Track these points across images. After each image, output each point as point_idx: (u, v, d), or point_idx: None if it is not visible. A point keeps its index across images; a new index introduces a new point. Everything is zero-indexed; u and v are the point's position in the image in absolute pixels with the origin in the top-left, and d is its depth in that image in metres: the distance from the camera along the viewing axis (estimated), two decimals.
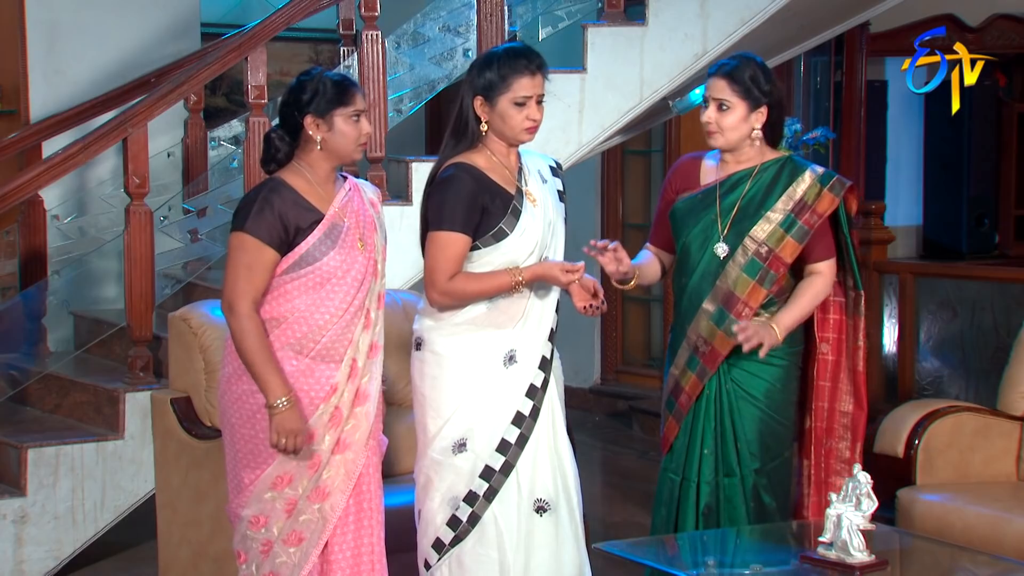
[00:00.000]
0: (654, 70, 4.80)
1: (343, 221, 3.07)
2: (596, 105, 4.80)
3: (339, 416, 3.05)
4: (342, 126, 3.05)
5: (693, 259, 3.35)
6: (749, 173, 3.35)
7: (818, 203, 3.31)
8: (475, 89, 3.13)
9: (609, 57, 4.80)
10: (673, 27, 4.80)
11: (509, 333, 3.13)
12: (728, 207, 3.33)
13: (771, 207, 3.31)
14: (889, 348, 5.90)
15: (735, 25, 4.82)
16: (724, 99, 3.30)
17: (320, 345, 3.02)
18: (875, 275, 5.86)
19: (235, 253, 3.00)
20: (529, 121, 3.12)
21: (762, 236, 3.30)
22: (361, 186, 3.21)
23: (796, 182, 3.33)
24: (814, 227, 3.31)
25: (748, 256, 3.30)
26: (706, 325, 3.31)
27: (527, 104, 3.11)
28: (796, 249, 3.31)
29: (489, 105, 3.12)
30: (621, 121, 4.86)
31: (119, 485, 4.28)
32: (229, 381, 3.06)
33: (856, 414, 3.39)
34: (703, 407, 3.34)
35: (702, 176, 3.41)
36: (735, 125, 3.31)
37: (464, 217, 3.07)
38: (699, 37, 4.80)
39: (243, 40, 4.54)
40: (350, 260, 3.05)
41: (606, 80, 4.80)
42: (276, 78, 6.02)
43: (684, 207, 3.38)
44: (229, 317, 3.00)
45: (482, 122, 3.15)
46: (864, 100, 6.94)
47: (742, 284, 3.29)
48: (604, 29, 4.81)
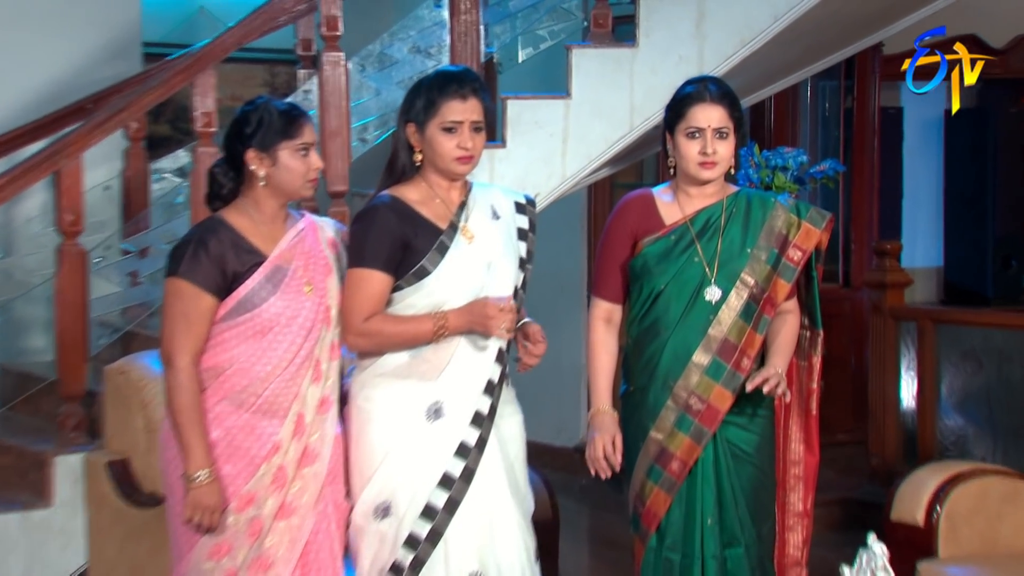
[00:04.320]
0: (645, 96, 4.84)
1: (289, 264, 3.10)
2: (582, 134, 4.83)
3: (283, 477, 3.06)
4: (288, 160, 3.08)
5: (674, 308, 3.33)
6: (718, 208, 3.38)
7: (799, 238, 3.37)
8: (406, 116, 3.18)
9: (596, 81, 4.84)
10: (666, 49, 4.85)
11: (433, 384, 3.12)
12: (713, 247, 3.35)
13: (754, 244, 3.35)
14: (907, 404, 5.93)
15: (734, 46, 4.87)
16: (724, 127, 3.34)
17: (262, 398, 3.05)
18: (891, 322, 5.90)
19: (171, 300, 3.04)
20: (460, 150, 3.13)
21: (755, 276, 3.33)
22: (320, 225, 3.24)
23: (770, 216, 3.37)
24: (800, 264, 3.36)
25: (743, 299, 3.32)
26: (700, 380, 3.30)
27: (458, 131, 3.13)
28: (786, 290, 3.36)
29: (420, 133, 3.16)
30: (609, 152, 4.89)
31: (46, 560, 4.23)
32: (171, 435, 3.08)
33: (808, 461, 3.45)
34: (700, 473, 3.33)
35: (664, 214, 3.40)
36: (731, 154, 3.36)
37: (384, 253, 3.09)
38: (695, 60, 4.85)
39: (190, 62, 4.57)
40: (295, 306, 3.08)
41: (592, 107, 4.84)
42: (227, 103, 6.03)
43: (657, 251, 3.35)
44: (166, 370, 3.04)
45: (415, 152, 3.19)
46: (877, 129, 7.02)
47: (738, 330, 3.31)
48: (590, 51, 4.86)
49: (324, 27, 4.64)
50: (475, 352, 3.15)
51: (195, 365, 3.03)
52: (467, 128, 3.14)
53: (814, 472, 3.46)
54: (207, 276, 3.01)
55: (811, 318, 3.48)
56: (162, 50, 5.90)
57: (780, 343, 3.39)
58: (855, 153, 7.03)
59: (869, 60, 6.91)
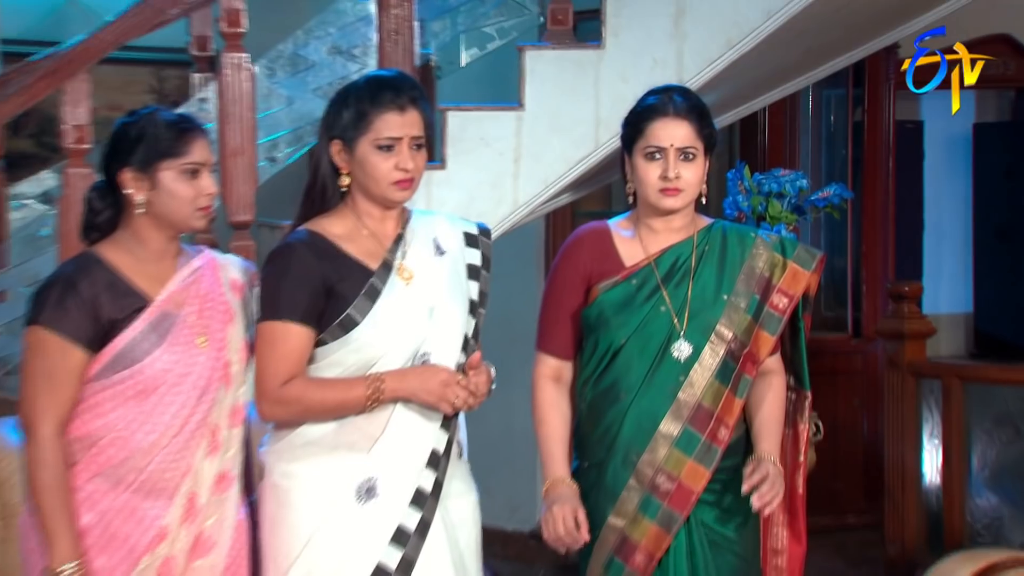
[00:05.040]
0: (614, 107, 4.84)
1: (179, 309, 3.09)
2: (537, 153, 4.86)
3: (171, 571, 3.04)
4: (171, 184, 3.08)
5: (636, 367, 3.34)
6: (688, 246, 3.40)
7: (784, 281, 3.40)
8: (330, 131, 3.18)
9: (554, 90, 4.86)
10: (638, 51, 4.88)
11: (365, 456, 3.12)
12: (681, 293, 3.36)
13: (732, 289, 3.37)
14: (931, 479, 5.96)
15: (720, 48, 4.91)
16: (690, 146, 3.35)
17: (145, 474, 3.03)
18: (910, 380, 5.92)
19: (32, 355, 3.01)
20: (398, 172, 3.14)
21: (733, 328, 3.35)
22: (222, 263, 3.24)
23: (750, 255, 3.40)
24: (786, 313, 3.39)
25: (719, 356, 3.34)
26: (669, 454, 3.30)
27: (395, 149, 3.13)
28: (770, 344, 3.39)
29: (348, 152, 3.17)
30: (571, 174, 4.92)
31: None
32: (32, 521, 3.04)
33: (793, 551, 3.47)
34: (672, 566, 3.32)
35: (623, 254, 3.42)
36: (700, 179, 3.38)
37: (303, 302, 3.09)
38: (672, 64, 4.88)
39: (58, 63, 4.55)
40: (187, 361, 3.07)
41: (550, 120, 4.87)
42: (104, 114, 6.01)
43: (616, 298, 3.36)
44: (26, 441, 3.01)
45: (341, 175, 3.19)
46: (893, 146, 7.09)
47: (714, 394, 3.33)
48: (547, 53, 4.89)
49: (224, 22, 4.64)
50: (417, 416, 3.15)
51: (61, 435, 3.00)
52: (406, 145, 3.14)
53: (800, 565, 3.48)
54: (76, 325, 2.99)
55: (797, 377, 3.52)
56: (22, 48, 5.86)
57: (767, 417, 3.41)
58: (866, 176, 7.10)
59: (882, 65, 7.00)
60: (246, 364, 3.19)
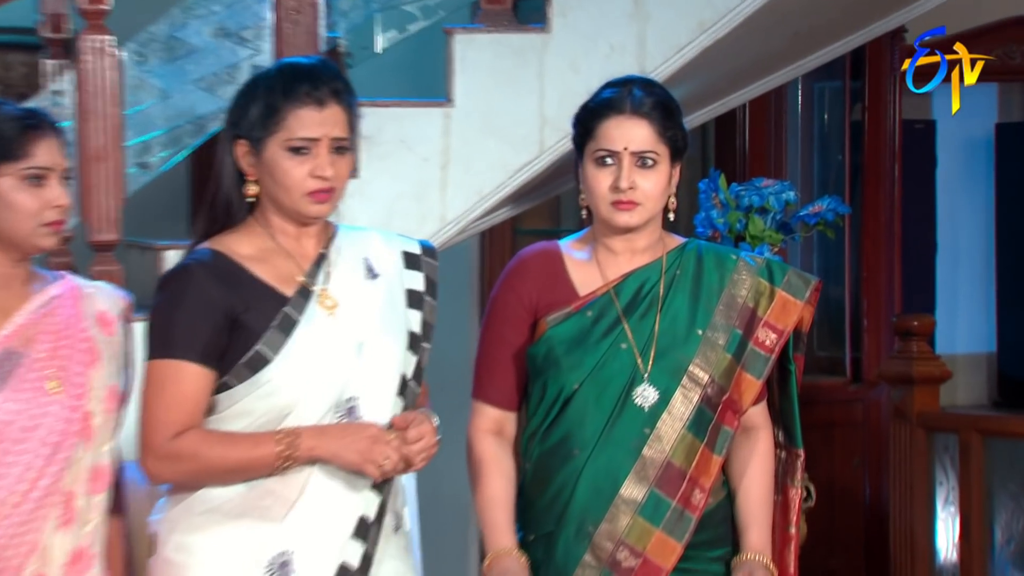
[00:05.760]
0: (562, 103, 4.85)
1: (26, 347, 3.08)
2: (469, 159, 4.88)
3: None
4: (10, 193, 3.07)
5: (592, 418, 3.34)
6: (655, 270, 3.41)
7: (772, 313, 3.41)
8: (235, 129, 3.19)
9: (490, 82, 4.88)
10: (591, 35, 4.90)
11: (278, 527, 3.12)
12: (647, 327, 3.37)
13: (708, 323, 3.38)
14: (945, 555, 6.00)
15: (691, 32, 4.94)
16: (650, 151, 3.36)
17: None
18: (921, 434, 5.96)
19: None
20: (315, 180, 3.14)
21: (710, 369, 3.36)
22: (87, 292, 3.23)
23: (731, 281, 3.42)
24: (774, 352, 3.40)
25: (693, 403, 3.35)
26: (632, 524, 3.30)
27: (311, 152, 3.14)
28: (755, 389, 3.40)
29: (255, 155, 3.17)
30: (511, 184, 4.94)
31: None
32: None
33: None
34: None
35: (576, 280, 3.43)
36: (662, 190, 3.38)
37: (201, 336, 3.09)
38: (632, 50, 4.91)
39: None
40: (33, 412, 3.05)
41: (485, 119, 4.88)
42: None
43: (567, 334, 3.37)
44: None
45: (248, 182, 3.19)
46: (899, 151, 7.15)
47: (686, 450, 3.33)
48: (481, 37, 4.90)
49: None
50: (342, 476, 3.15)
51: None
52: (324, 148, 3.14)
53: None
54: None
55: (787, 432, 3.54)
56: None
57: (754, 494, 3.43)
58: (867, 187, 7.15)
59: (885, 52, 7.06)
60: (113, 416, 3.17)
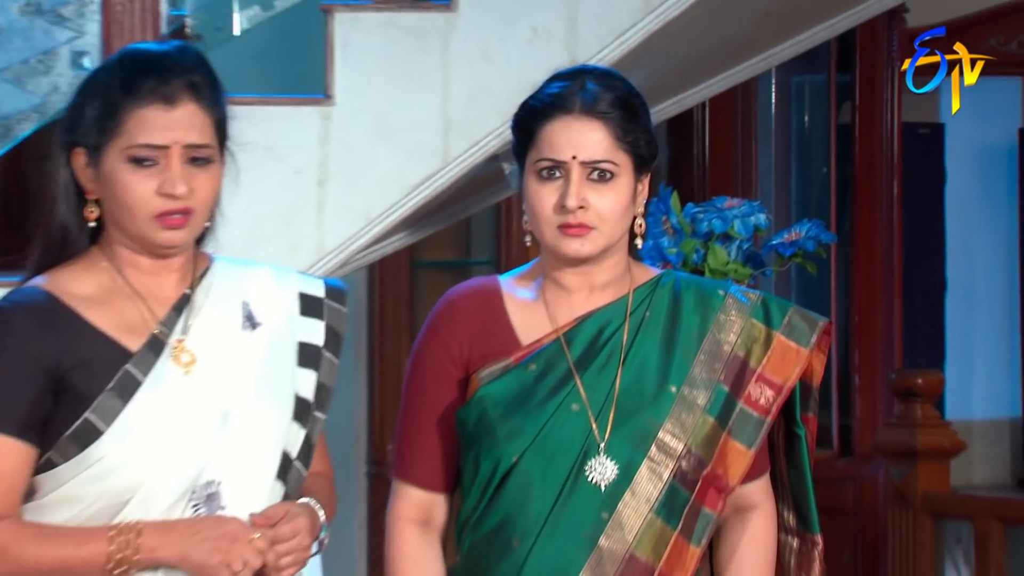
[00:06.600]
0: (472, 100, 4.93)
1: None
2: (355, 172, 4.92)
3: None
4: None
5: (536, 499, 3.35)
6: (619, 311, 3.42)
7: (769, 364, 3.42)
8: (71, 135, 3.19)
9: (379, 74, 4.93)
10: (508, 16, 4.97)
11: None
12: (605, 383, 3.38)
13: (684, 377, 3.39)
14: None
15: (634, 13, 4.99)
16: (604, 160, 3.36)
17: None
18: (926, 521, 6.01)
19: None
20: (163, 200, 3.13)
21: (685, 436, 3.36)
22: None
23: (716, 323, 3.43)
24: (771, 414, 3.41)
25: (663, 480, 3.35)
26: None
27: (161, 163, 3.13)
28: (744, 461, 3.39)
29: (94, 166, 3.16)
30: (407, 204, 4.97)
31: None
32: None
33: None
34: None
35: (518, 325, 3.44)
36: (622, 210, 3.38)
37: (19, 401, 3.09)
38: (561, 34, 4.96)
39: None
40: None
41: (375, 121, 4.94)
42: None
43: (504, 393, 3.37)
44: None
45: (89, 201, 3.18)
46: (898, 162, 7.21)
47: (654, 539, 3.34)
48: (370, 16, 4.95)
49: None
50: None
51: None
52: (176, 158, 3.13)
53: None
54: None
55: (799, 515, 3.53)
56: None
57: None
58: (857, 207, 7.22)
59: (881, 39, 7.13)
60: None
